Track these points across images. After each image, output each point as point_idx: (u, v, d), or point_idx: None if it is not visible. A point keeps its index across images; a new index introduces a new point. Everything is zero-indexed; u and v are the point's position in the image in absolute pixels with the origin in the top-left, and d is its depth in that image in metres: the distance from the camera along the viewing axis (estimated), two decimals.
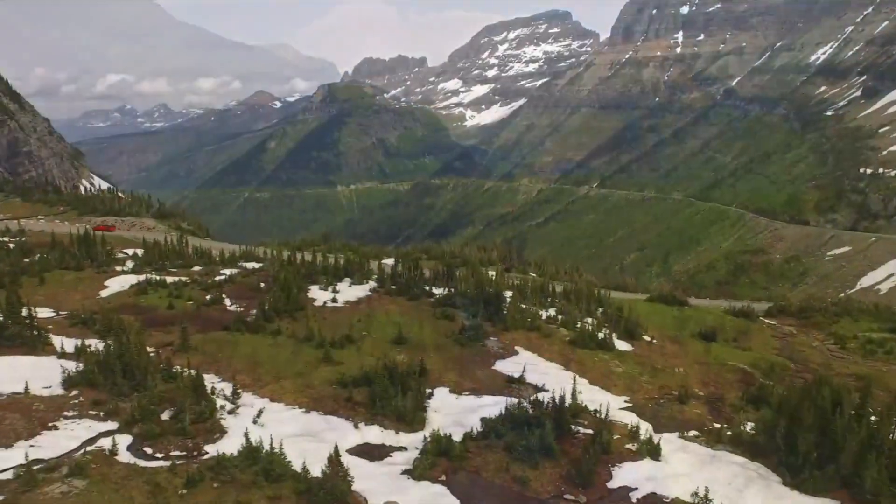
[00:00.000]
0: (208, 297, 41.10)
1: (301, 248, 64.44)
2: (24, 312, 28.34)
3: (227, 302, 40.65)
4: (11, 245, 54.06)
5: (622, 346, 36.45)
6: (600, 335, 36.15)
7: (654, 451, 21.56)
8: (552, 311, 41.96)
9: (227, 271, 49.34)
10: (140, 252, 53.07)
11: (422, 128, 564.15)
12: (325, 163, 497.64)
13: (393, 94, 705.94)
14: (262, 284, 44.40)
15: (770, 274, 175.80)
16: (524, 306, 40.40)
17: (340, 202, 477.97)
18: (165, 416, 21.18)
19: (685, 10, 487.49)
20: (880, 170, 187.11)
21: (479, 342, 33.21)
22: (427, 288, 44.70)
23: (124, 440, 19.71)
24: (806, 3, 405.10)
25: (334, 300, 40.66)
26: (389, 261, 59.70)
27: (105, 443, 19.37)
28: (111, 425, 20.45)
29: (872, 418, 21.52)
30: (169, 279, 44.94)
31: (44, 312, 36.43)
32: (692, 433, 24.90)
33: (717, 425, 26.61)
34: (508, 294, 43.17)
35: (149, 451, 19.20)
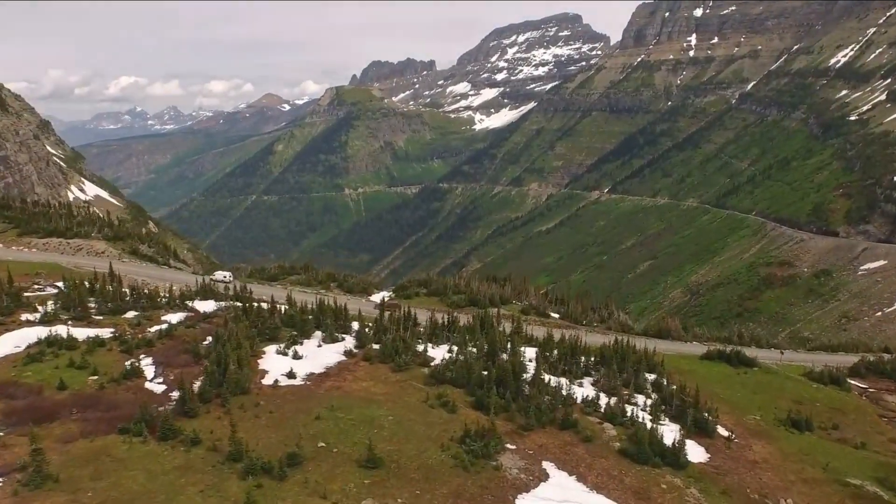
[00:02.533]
0: (127, 364, 30.48)
1: (276, 279, 53.80)
2: None
3: (149, 373, 30.02)
4: None
5: (694, 451, 25.63)
6: (664, 435, 25.28)
7: None
8: (589, 387, 31.15)
9: (170, 318, 38.75)
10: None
11: (430, 131, 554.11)
12: (332, 166, 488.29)
13: (401, 97, 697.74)
14: (208, 340, 33.73)
15: (797, 289, 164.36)
16: (552, 383, 29.52)
17: (347, 205, 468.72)
18: None
19: (699, 12, 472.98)
20: None
21: (491, 460, 22.38)
22: (420, 348, 33.93)
23: None
24: (824, 5, 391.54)
25: (292, 373, 29.64)
26: (378, 297, 49.04)
27: None
28: None
29: None
30: (84, 334, 34.22)
31: None
32: None
33: None
34: (530, 358, 32.43)
35: None
